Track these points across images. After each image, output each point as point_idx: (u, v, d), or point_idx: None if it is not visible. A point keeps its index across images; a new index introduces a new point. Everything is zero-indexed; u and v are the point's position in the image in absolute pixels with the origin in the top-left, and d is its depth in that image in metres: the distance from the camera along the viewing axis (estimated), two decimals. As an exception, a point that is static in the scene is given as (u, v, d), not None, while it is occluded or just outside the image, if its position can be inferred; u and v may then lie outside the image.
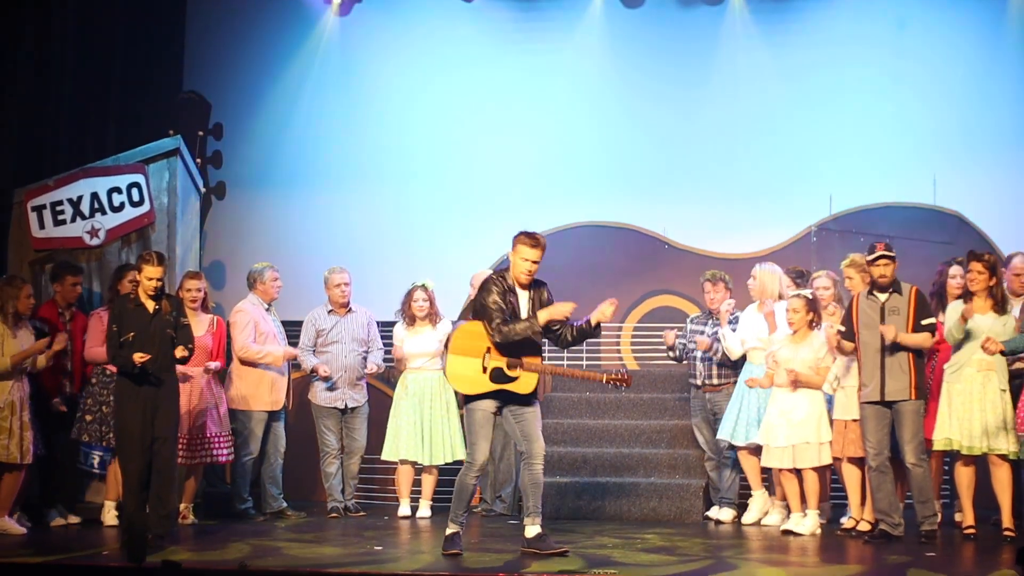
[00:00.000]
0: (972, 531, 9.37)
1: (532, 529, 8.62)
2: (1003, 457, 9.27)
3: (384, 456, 10.97)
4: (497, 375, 8.55)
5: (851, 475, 9.64)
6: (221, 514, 10.60)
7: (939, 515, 9.70)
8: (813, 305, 9.79)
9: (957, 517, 9.74)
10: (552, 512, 10.34)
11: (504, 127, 12.93)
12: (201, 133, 12.52)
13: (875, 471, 9.20)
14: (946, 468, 10.22)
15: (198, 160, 12.22)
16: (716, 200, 12.64)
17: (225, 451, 10.44)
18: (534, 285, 8.74)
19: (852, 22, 12.67)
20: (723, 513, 10.36)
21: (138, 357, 8.99)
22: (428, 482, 10.88)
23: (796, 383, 9.62)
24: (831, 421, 9.67)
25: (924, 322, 9.22)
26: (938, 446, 9.48)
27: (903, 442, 9.16)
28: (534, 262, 8.62)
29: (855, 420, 9.49)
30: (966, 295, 9.44)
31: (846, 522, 9.75)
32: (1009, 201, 12.36)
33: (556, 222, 12.50)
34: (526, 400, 8.65)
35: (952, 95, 12.51)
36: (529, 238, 8.62)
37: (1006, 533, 9.27)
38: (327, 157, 13.09)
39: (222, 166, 12.80)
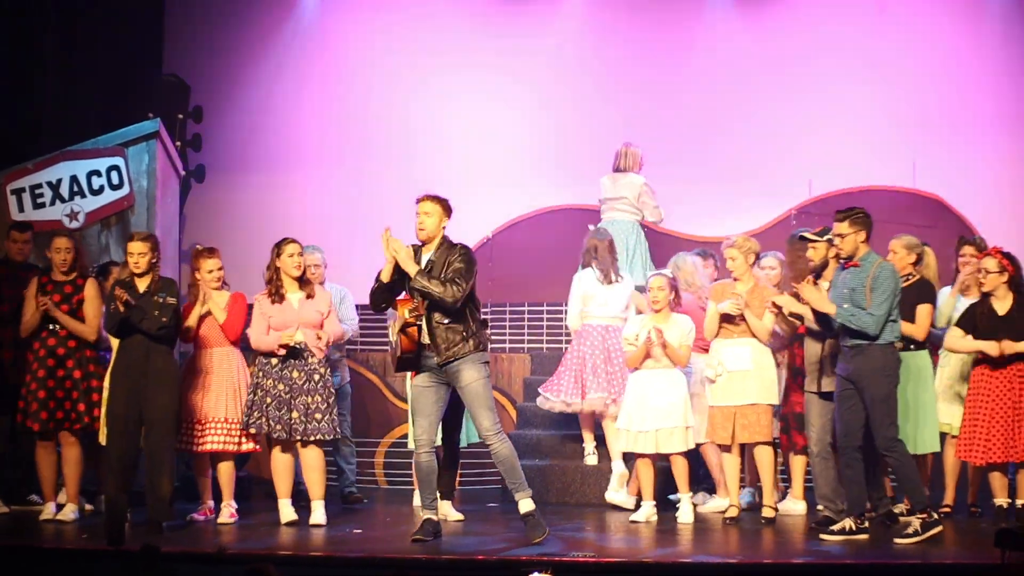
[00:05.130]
0: (948, 510, 9.45)
1: (522, 504, 8.45)
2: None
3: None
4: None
5: (762, 460, 9.42)
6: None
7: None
8: (675, 285, 9.62)
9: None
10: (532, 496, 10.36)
11: (484, 109, 12.97)
12: (181, 116, 12.46)
13: (817, 457, 9.09)
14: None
15: (178, 143, 12.17)
16: (696, 183, 12.68)
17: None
18: (445, 248, 8.49)
19: (832, 5, 12.70)
20: (699, 498, 10.13)
21: (119, 293, 8.82)
22: None
23: (664, 347, 9.37)
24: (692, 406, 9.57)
25: None
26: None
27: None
28: (424, 214, 8.50)
29: (752, 404, 9.33)
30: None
31: (728, 511, 9.44)
32: (989, 185, 12.43)
33: (536, 205, 12.55)
34: (456, 372, 8.35)
35: (932, 78, 12.56)
36: (421, 195, 8.62)
37: (945, 510, 9.38)
38: (307, 139, 13.10)
39: (202, 149, 12.75)
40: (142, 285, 9.09)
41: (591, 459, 10.58)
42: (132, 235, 9.42)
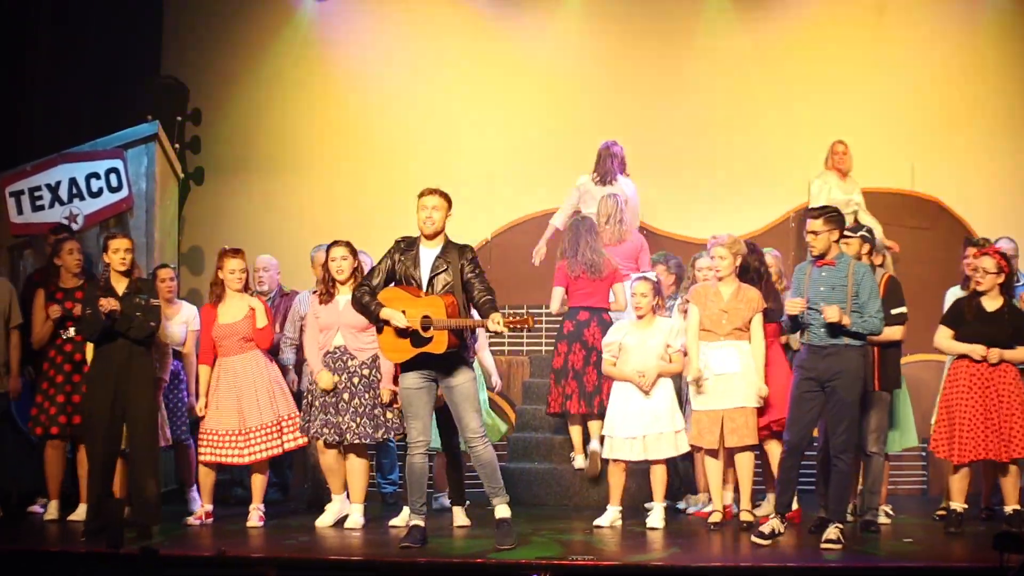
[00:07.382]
0: (943, 513, 9.45)
1: (498, 510, 8.41)
2: None
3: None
4: (415, 338, 8.25)
5: (743, 464, 9.29)
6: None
7: None
8: (659, 288, 9.53)
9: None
10: (530, 498, 10.37)
11: (485, 111, 12.98)
12: (179, 118, 12.46)
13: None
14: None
15: (176, 145, 12.17)
16: (696, 185, 12.70)
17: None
18: (451, 247, 8.38)
19: (832, 6, 12.73)
20: (692, 500, 10.14)
21: (105, 303, 8.75)
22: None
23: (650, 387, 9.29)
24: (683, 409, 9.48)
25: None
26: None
27: (866, 431, 9.04)
28: (432, 208, 8.35)
29: (739, 408, 9.15)
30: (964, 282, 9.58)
31: (712, 516, 9.28)
32: (987, 187, 12.44)
33: (539, 206, 12.53)
34: (449, 370, 8.30)
35: (930, 81, 12.57)
36: (425, 189, 8.47)
37: (940, 513, 9.57)
38: (305, 142, 13.10)
39: (200, 151, 12.75)
40: (120, 286, 9.02)
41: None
42: (112, 234, 9.33)
